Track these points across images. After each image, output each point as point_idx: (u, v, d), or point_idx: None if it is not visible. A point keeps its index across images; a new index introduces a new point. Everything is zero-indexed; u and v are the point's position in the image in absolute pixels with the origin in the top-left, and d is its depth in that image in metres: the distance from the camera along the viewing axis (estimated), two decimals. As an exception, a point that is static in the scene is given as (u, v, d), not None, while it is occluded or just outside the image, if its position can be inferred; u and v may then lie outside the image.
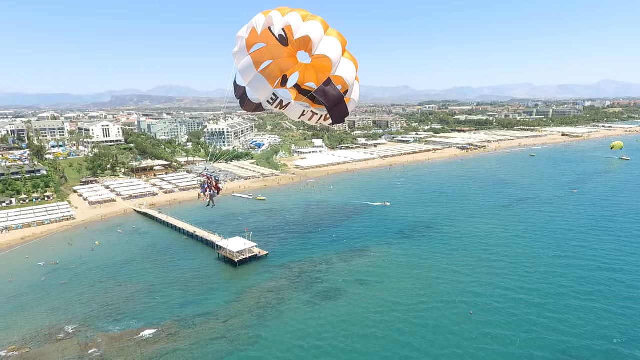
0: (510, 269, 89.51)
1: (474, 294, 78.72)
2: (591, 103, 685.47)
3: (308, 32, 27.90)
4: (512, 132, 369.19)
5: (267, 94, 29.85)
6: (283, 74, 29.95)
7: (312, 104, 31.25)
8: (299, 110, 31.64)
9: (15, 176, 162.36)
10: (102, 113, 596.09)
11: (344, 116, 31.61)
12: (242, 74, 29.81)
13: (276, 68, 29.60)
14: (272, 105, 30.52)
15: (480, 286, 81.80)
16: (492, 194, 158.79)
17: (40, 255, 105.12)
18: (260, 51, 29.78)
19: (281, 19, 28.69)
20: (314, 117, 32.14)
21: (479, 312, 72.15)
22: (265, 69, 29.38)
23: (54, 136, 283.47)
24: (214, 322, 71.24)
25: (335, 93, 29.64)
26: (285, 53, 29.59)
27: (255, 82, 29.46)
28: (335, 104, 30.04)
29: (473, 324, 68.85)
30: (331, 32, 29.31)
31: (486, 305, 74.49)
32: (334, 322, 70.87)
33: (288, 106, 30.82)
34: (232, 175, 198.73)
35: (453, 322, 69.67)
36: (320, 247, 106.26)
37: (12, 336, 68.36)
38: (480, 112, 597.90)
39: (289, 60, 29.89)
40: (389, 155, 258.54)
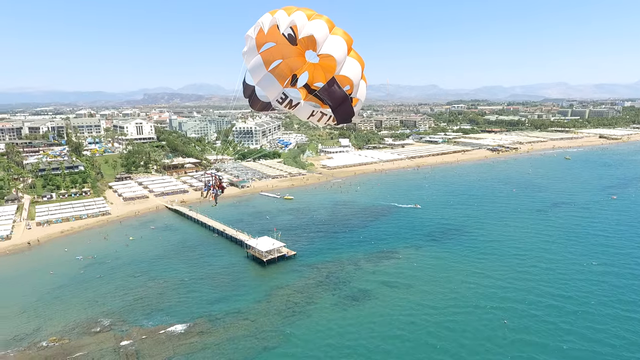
0: (544, 275, 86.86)
1: (506, 299, 76.89)
2: (631, 103, 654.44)
3: (312, 31, 27.79)
4: (545, 134, 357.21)
5: (276, 93, 29.88)
6: (293, 73, 29.92)
7: (322, 104, 31.02)
8: (307, 111, 31.52)
9: (55, 171, 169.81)
10: (135, 111, 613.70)
11: (350, 116, 31.20)
12: (252, 73, 29.87)
13: (286, 67, 29.59)
14: (282, 105, 30.52)
15: (513, 291, 79.79)
16: (525, 198, 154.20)
17: (78, 249, 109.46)
18: (270, 50, 29.81)
19: (287, 18, 28.71)
20: (323, 117, 31.90)
21: (512, 318, 70.40)
22: (275, 68, 29.41)
23: (91, 133, 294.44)
24: (244, 320, 72.31)
25: (339, 93, 29.31)
26: (294, 52, 29.56)
27: (265, 81, 29.52)
28: (339, 103, 29.71)
29: (506, 330, 67.22)
30: (337, 31, 29.10)
31: (519, 312, 72.64)
32: (362, 323, 70.74)
33: (297, 106, 30.76)
34: (259, 174, 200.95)
35: (485, 327, 68.34)
36: (348, 248, 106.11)
37: (53, 327, 71.52)
38: (512, 112, 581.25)
39: (298, 60, 29.84)
40: (417, 155, 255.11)
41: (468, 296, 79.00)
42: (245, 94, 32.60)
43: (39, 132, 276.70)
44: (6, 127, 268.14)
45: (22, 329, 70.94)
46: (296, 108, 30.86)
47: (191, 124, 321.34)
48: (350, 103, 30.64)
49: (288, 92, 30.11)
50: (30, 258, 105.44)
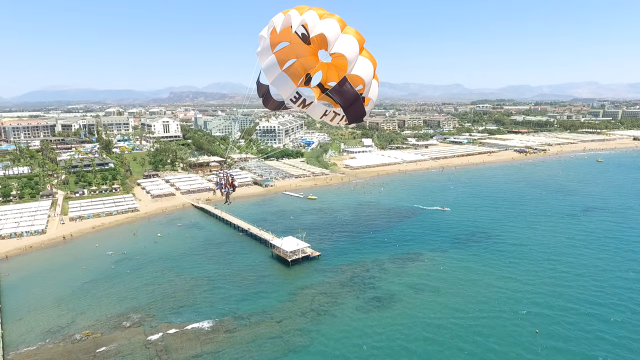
0: (577, 282, 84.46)
1: (537, 305, 75.20)
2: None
3: (323, 30, 27.53)
4: (575, 135, 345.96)
5: (290, 92, 29.73)
6: (306, 72, 29.75)
7: (335, 104, 30.73)
8: (321, 110, 31.30)
9: (87, 168, 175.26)
10: (162, 109, 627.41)
11: (361, 116, 30.97)
12: (266, 72, 29.81)
13: (300, 67, 29.42)
14: (295, 104, 30.36)
15: (544, 297, 77.92)
16: (555, 202, 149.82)
17: (108, 245, 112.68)
18: (284, 50, 29.72)
19: (299, 17, 28.63)
20: (336, 117, 31.71)
21: (544, 325, 68.66)
22: (289, 67, 29.27)
23: (120, 130, 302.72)
24: (269, 321, 72.84)
25: (351, 92, 28.95)
26: (308, 51, 29.42)
27: (279, 80, 29.39)
28: (350, 103, 29.38)
29: (539, 336, 65.52)
30: (348, 30, 28.76)
31: (551, 318, 70.90)
32: (388, 326, 70.36)
33: (310, 105, 30.56)
34: (283, 173, 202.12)
35: (516, 333, 66.98)
36: (372, 249, 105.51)
37: (86, 320, 73.84)
38: (539, 113, 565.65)
39: (311, 59, 29.68)
40: (441, 156, 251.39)
41: (497, 301, 77.45)
42: (259, 93, 32.70)
43: (71, 129, 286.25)
44: (41, 124, 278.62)
45: (57, 322, 73.52)
46: (309, 107, 30.80)
47: (216, 123, 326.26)
48: (362, 103, 30.31)
49: (302, 92, 30.06)
50: (64, 252, 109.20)
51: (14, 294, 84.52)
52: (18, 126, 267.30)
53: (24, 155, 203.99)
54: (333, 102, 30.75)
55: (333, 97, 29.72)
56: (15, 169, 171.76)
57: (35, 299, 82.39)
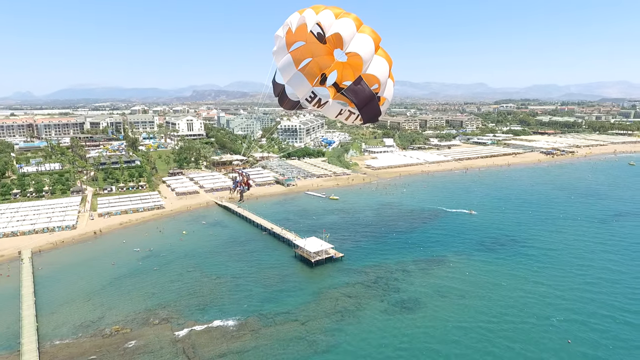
0: (611, 289, 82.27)
1: (569, 311, 73.64)
2: None
3: (339, 29, 27.31)
4: (605, 137, 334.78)
5: (306, 91, 29.58)
6: (322, 72, 29.51)
7: (350, 103, 30.47)
8: (336, 109, 31.10)
9: (115, 165, 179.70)
10: (185, 107, 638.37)
11: (376, 116, 30.75)
12: (282, 72, 29.73)
13: (315, 66, 29.19)
14: (311, 104, 30.20)
15: (576, 303, 76.13)
16: (584, 206, 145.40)
17: (135, 241, 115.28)
18: (299, 49, 29.55)
19: (314, 16, 28.43)
20: (351, 116, 31.49)
21: (576, 332, 66.78)
22: (304, 66, 29.08)
23: (145, 128, 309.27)
24: (294, 322, 73.11)
25: (366, 92, 28.66)
26: (323, 51, 29.15)
27: (295, 80, 29.27)
28: (365, 103, 29.10)
29: (572, 346, 63.72)
30: (364, 29, 28.41)
31: (584, 325, 69.19)
32: (414, 330, 69.77)
33: (326, 105, 30.37)
34: (304, 172, 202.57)
35: (547, 339, 65.31)
36: (395, 252, 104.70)
37: (116, 316, 75.70)
38: (566, 113, 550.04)
39: (327, 58, 29.42)
40: (465, 157, 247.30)
41: (528, 308, 75.96)
42: (275, 93, 32.72)
43: (99, 127, 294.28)
44: (70, 122, 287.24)
45: (88, 316, 75.65)
46: (325, 107, 30.67)
47: (238, 122, 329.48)
48: (377, 102, 30.00)
49: (317, 91, 29.90)
50: (93, 247, 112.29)
51: (48, 287, 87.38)
52: (49, 123, 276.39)
53: (55, 152, 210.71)
54: (348, 101, 30.65)
55: (348, 96, 29.63)
56: (47, 165, 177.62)
57: (67, 293, 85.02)
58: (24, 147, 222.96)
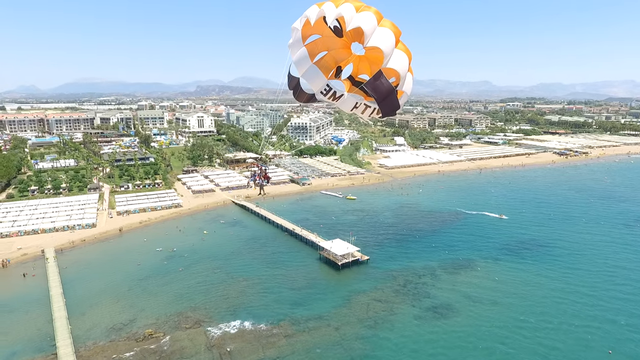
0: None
1: (607, 321, 72.09)
2: None
3: (360, 23, 27.23)
4: (617, 137, 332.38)
5: (321, 85, 29.50)
6: (337, 65, 29.41)
7: (366, 96, 30.43)
8: (351, 103, 30.88)
9: (129, 162, 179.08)
10: (191, 102, 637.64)
11: (395, 109, 30.82)
12: (297, 65, 29.67)
13: (330, 59, 29.06)
14: (326, 97, 30.06)
15: (611, 311, 74.63)
16: (605, 209, 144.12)
17: (156, 241, 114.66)
18: (315, 42, 29.39)
19: (334, 10, 28.23)
20: (367, 110, 31.17)
21: (615, 340, 65.72)
22: (319, 60, 28.94)
23: (155, 125, 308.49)
24: (327, 328, 72.37)
25: (386, 85, 28.74)
26: (340, 44, 29.09)
27: (310, 73, 29.21)
28: (385, 96, 29.13)
29: (612, 357, 62.96)
30: (385, 23, 28.41)
31: (624, 334, 67.86)
32: (449, 337, 68.89)
33: (341, 98, 30.16)
34: (318, 171, 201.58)
35: (586, 347, 64.51)
36: (420, 255, 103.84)
37: (147, 319, 75.09)
38: (575, 113, 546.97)
39: (343, 52, 29.36)
40: (478, 157, 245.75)
41: (563, 314, 75.02)
42: (290, 86, 32.57)
43: (110, 122, 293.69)
44: (81, 117, 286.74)
45: (119, 318, 75.04)
46: (340, 100, 30.41)
47: (248, 118, 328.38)
48: (396, 96, 29.95)
49: (332, 84, 29.79)
50: (115, 246, 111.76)
51: (75, 287, 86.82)
52: (60, 119, 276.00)
53: (68, 147, 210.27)
54: (364, 95, 30.50)
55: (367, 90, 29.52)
56: (62, 162, 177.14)
57: (95, 293, 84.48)
58: (37, 143, 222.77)
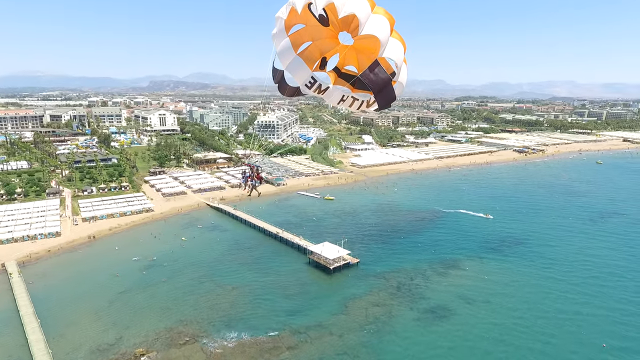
0: (618, 282, 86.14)
1: (594, 311, 75.07)
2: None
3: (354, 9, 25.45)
4: (567, 135, 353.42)
5: (305, 77, 27.86)
6: (322, 56, 27.82)
7: (353, 88, 28.87)
8: (338, 95, 29.35)
9: (90, 164, 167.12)
10: (146, 99, 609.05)
11: (391, 101, 29.43)
12: (281, 57, 27.94)
13: (315, 50, 27.46)
14: (311, 90, 28.50)
15: (593, 297, 78.03)
16: (569, 204, 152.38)
17: (130, 249, 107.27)
18: (299, 32, 27.64)
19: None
20: (355, 102, 29.71)
21: (611, 337, 68.67)
22: (303, 51, 27.28)
23: (112, 122, 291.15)
24: (329, 336, 70.26)
25: (382, 76, 27.27)
26: (325, 34, 27.43)
27: (294, 65, 27.53)
28: (382, 87, 27.67)
29: (607, 354, 65.42)
30: (378, 10, 26.94)
31: (611, 324, 71.16)
32: (454, 340, 69.24)
33: (327, 91, 28.66)
34: (291, 171, 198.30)
35: (582, 344, 66.66)
36: (408, 255, 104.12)
37: (135, 337, 69.47)
38: (526, 111, 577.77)
39: (329, 42, 27.75)
40: (445, 155, 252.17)
41: (552, 307, 78.36)
42: (275, 80, 30.66)
43: (61, 120, 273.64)
44: (29, 114, 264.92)
45: (103, 338, 68.90)
46: (325, 93, 28.79)
47: (213, 116, 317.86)
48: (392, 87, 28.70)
49: (317, 76, 28.10)
50: (85, 256, 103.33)
51: (46, 305, 78.86)
52: (5, 116, 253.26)
53: (17, 148, 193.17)
54: (350, 87, 28.91)
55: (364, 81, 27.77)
56: (14, 164, 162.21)
57: (71, 311, 77.25)
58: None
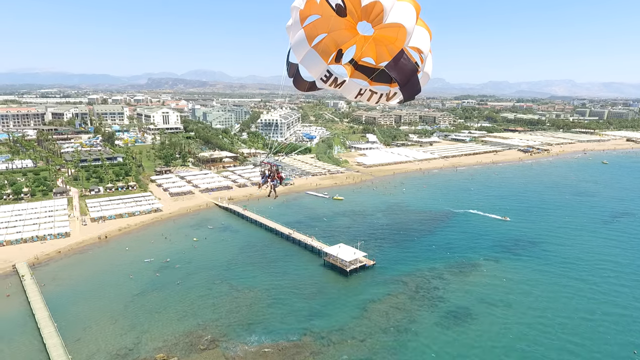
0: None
1: (620, 314, 74.11)
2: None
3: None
4: (571, 135, 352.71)
5: (320, 71, 26.69)
6: (338, 48, 26.51)
7: (371, 82, 27.77)
8: (355, 89, 28.26)
9: (96, 162, 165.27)
10: (146, 96, 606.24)
11: (416, 93, 28.27)
12: (295, 50, 26.77)
13: (331, 42, 26.18)
14: (326, 84, 27.35)
15: (619, 298, 77.12)
16: (580, 205, 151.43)
17: (141, 250, 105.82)
18: (314, 24, 26.33)
19: None
20: (373, 96, 28.49)
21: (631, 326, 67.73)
22: (318, 43, 26.07)
23: (114, 120, 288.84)
24: (352, 340, 69.10)
25: (409, 66, 26.05)
26: (343, 25, 25.94)
27: (308, 58, 26.44)
28: (408, 79, 26.42)
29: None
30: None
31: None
32: (480, 346, 68.01)
33: (343, 84, 27.48)
34: (298, 170, 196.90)
35: (611, 351, 65.67)
36: (423, 257, 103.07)
37: (154, 341, 68.16)
38: (527, 110, 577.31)
39: (346, 33, 26.36)
40: (450, 155, 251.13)
41: (578, 310, 77.23)
42: (290, 74, 29.31)
43: (63, 118, 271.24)
44: (31, 112, 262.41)
45: (122, 342, 67.57)
46: (343, 86, 27.59)
47: (216, 114, 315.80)
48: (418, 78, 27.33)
49: (332, 70, 26.85)
50: (96, 257, 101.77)
51: (61, 308, 77.40)
52: (7, 114, 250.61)
53: (21, 146, 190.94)
54: (368, 80, 27.74)
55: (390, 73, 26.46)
56: (18, 162, 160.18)
57: (87, 314, 75.84)
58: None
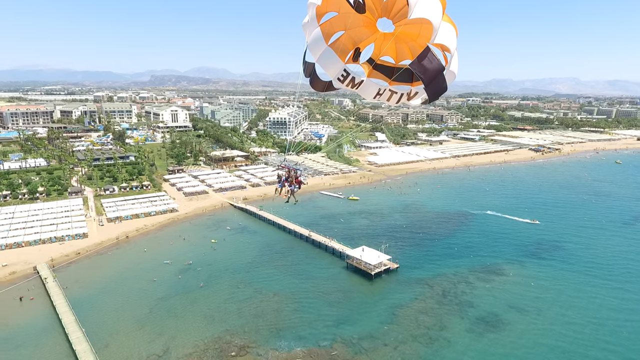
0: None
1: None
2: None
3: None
4: (581, 134, 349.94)
5: (337, 70, 25.55)
6: (356, 46, 25.35)
7: (390, 81, 26.59)
8: (374, 89, 26.99)
9: (109, 161, 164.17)
10: (151, 94, 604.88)
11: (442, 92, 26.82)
12: (311, 49, 25.64)
13: (348, 40, 25.04)
14: (343, 84, 26.25)
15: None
16: (598, 206, 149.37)
17: (160, 251, 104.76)
18: (330, 21, 25.08)
19: None
20: (393, 96, 27.17)
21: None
22: (335, 41, 24.91)
23: (123, 118, 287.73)
24: (384, 348, 67.79)
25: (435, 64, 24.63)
26: (361, 22, 24.76)
27: (325, 57, 25.30)
28: (434, 77, 24.90)
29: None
30: None
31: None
32: (511, 351, 66.58)
33: (361, 84, 26.29)
34: (310, 169, 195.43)
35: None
36: (446, 260, 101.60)
37: (183, 347, 66.98)
38: (533, 109, 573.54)
39: (364, 30, 25.18)
40: (461, 154, 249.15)
41: (615, 318, 75.32)
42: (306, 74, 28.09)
43: (72, 116, 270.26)
44: (40, 110, 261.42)
45: (151, 349, 66.43)
46: (360, 86, 26.34)
47: (224, 112, 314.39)
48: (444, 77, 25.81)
49: (350, 69, 25.70)
50: (116, 260, 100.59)
51: (85, 312, 76.28)
52: (17, 112, 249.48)
53: (32, 145, 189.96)
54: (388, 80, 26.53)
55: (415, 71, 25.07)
56: (31, 161, 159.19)
57: (113, 318, 74.75)
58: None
